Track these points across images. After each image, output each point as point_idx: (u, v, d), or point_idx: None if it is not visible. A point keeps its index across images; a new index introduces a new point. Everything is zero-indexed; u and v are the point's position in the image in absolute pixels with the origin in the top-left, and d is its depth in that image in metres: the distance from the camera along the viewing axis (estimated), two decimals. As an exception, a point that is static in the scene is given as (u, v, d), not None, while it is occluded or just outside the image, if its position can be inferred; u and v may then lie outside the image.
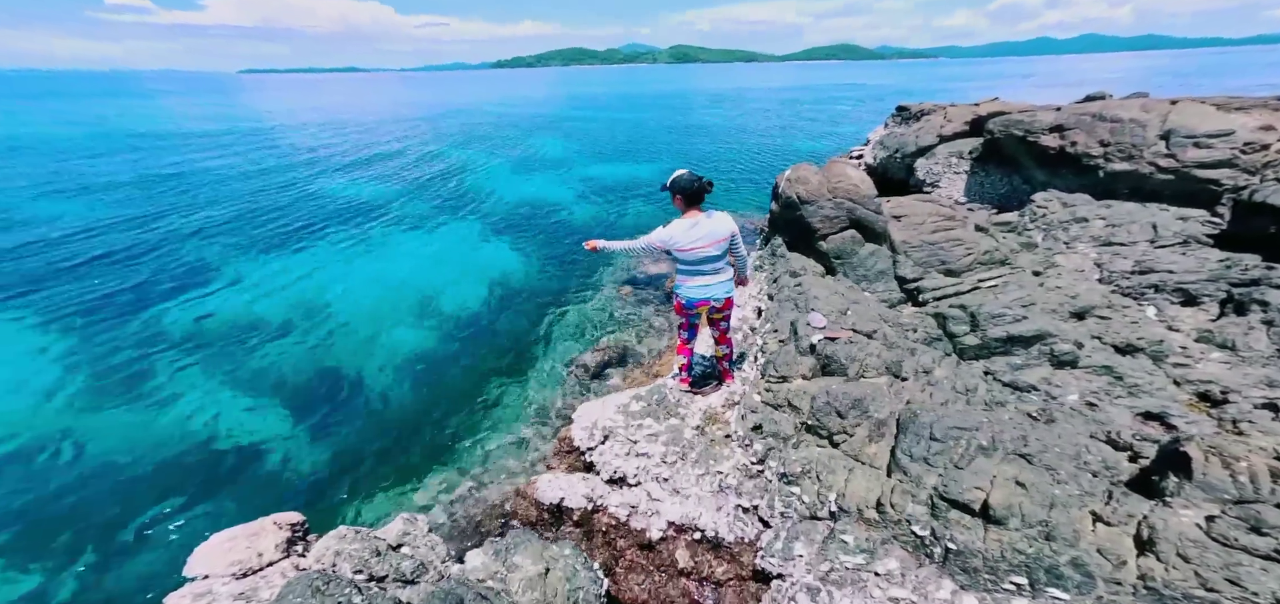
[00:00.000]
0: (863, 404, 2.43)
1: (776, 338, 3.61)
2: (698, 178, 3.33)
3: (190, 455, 4.62)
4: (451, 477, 4.56)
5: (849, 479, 2.30)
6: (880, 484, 2.21)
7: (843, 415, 2.46)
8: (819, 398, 2.54)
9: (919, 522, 1.97)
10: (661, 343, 6.29)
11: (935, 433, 2.07)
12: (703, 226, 3.26)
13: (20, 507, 4.04)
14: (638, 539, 3.25)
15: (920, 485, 2.01)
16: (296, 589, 1.86)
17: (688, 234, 3.16)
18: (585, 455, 3.71)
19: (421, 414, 5.37)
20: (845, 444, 2.44)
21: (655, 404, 3.78)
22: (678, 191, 3.26)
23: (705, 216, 3.30)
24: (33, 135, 24.48)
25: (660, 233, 3.18)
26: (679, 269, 3.30)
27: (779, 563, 2.39)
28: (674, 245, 3.16)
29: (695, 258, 3.25)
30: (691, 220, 3.24)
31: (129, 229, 10.42)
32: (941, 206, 4.54)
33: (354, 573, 2.25)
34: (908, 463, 2.10)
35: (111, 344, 6.32)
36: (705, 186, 3.30)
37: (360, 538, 2.44)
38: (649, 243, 3.22)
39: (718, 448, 3.28)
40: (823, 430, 2.53)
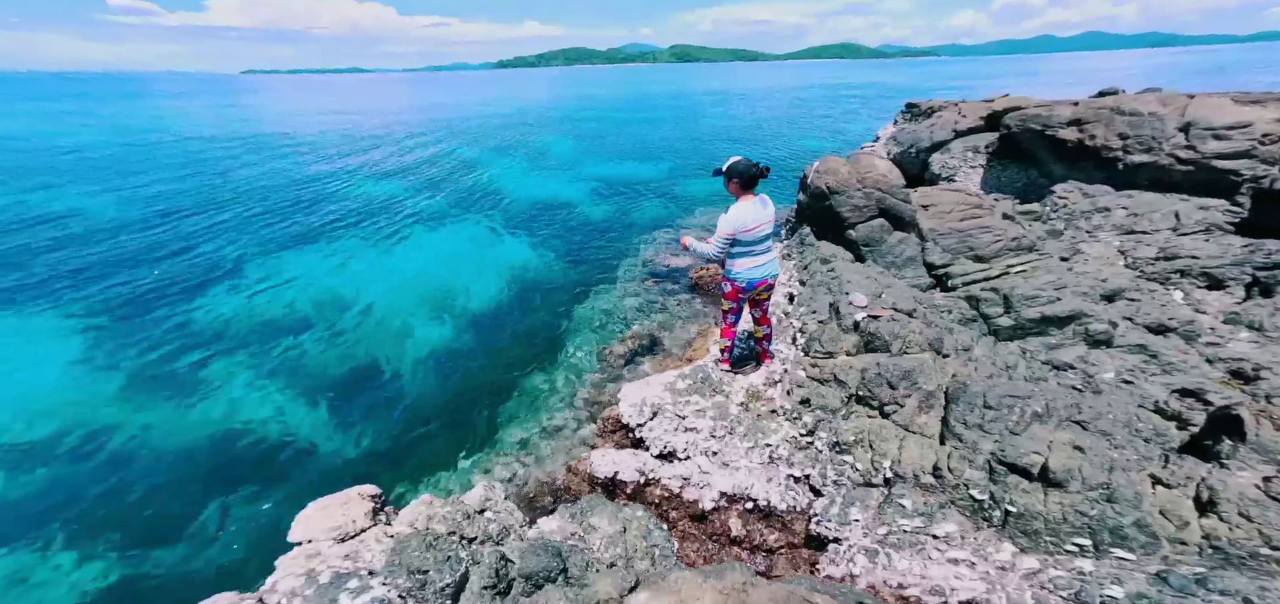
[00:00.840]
0: (912, 376, 2.58)
1: (816, 318, 3.77)
2: (754, 163, 3.49)
3: (238, 445, 4.78)
4: (492, 461, 4.73)
5: (902, 447, 2.45)
6: (934, 451, 2.36)
7: (894, 387, 2.61)
8: (869, 371, 2.70)
9: (977, 486, 2.11)
10: (689, 332, 6.45)
11: (989, 401, 2.22)
12: (759, 208, 3.42)
13: (91, 496, 4.21)
14: (690, 510, 3.41)
15: (976, 451, 2.16)
16: (412, 545, 2.03)
17: (751, 216, 3.31)
18: (634, 432, 3.88)
19: (455, 404, 5.50)
20: (896, 415, 2.60)
21: (700, 382, 3.94)
22: (735, 176, 3.41)
23: (758, 199, 3.45)
24: (48, 136, 24.76)
25: (728, 222, 3.31)
26: (736, 252, 3.45)
27: (835, 528, 2.54)
28: (741, 228, 3.30)
29: (756, 238, 3.40)
30: (749, 202, 3.40)
31: (156, 227, 10.62)
32: (969, 196, 4.69)
33: (448, 533, 2.41)
34: (962, 430, 2.26)
35: (151, 339, 6.48)
36: (761, 172, 3.45)
37: (448, 504, 2.60)
38: (723, 237, 3.34)
39: (765, 422, 3.44)
40: (873, 401, 2.68)
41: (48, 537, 3.84)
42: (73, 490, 4.26)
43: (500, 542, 2.58)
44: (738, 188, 3.43)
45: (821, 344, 3.21)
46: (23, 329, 6.67)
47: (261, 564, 3.63)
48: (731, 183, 3.47)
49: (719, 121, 28.97)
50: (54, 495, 4.20)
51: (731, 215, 3.37)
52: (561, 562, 2.17)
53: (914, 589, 2.28)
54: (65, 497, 4.19)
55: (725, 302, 3.85)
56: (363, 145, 21.90)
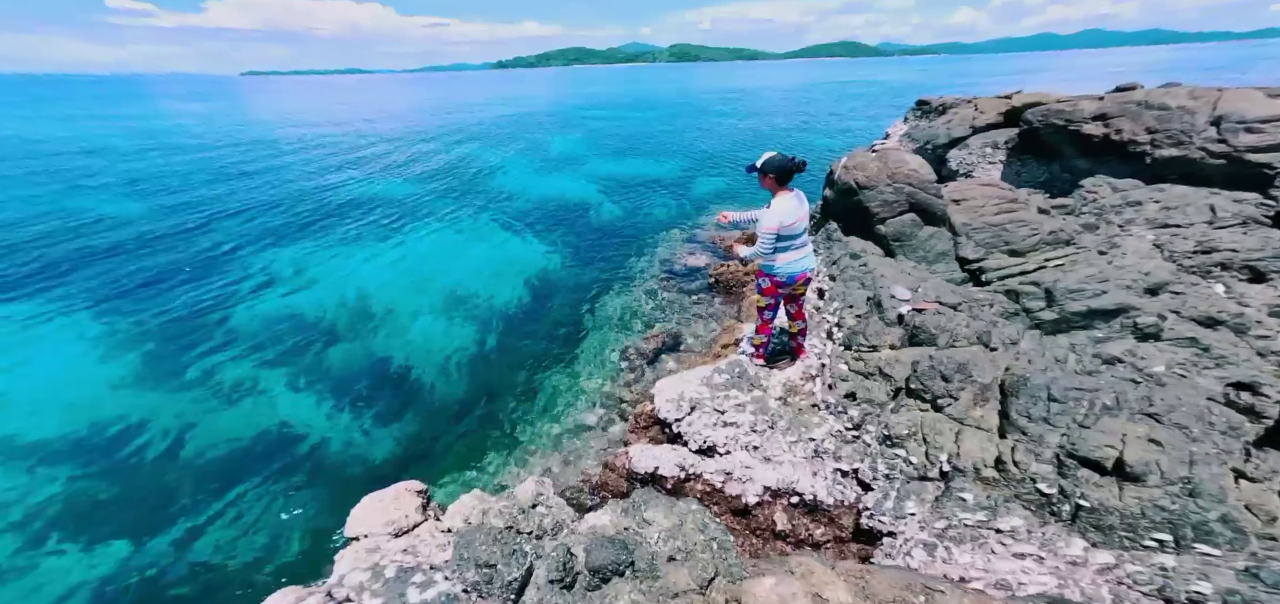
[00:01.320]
0: (967, 368, 2.57)
1: (853, 313, 3.75)
2: (790, 157, 3.47)
3: (275, 442, 4.81)
4: (525, 457, 4.72)
5: (959, 440, 2.44)
6: (995, 444, 2.35)
7: (948, 379, 2.59)
8: (922, 364, 2.68)
9: (1045, 480, 2.09)
10: (711, 330, 6.43)
11: (1054, 394, 2.20)
12: (797, 203, 3.40)
13: (136, 493, 4.23)
14: (732, 505, 3.40)
15: (1043, 444, 2.15)
16: (479, 537, 2.02)
17: (791, 210, 3.30)
18: (671, 427, 3.86)
19: (482, 401, 5.50)
20: (950, 408, 2.58)
21: (737, 377, 3.92)
22: (771, 172, 3.39)
23: (795, 194, 3.44)
24: (56, 138, 24.81)
25: (773, 217, 3.28)
26: (778, 247, 3.44)
27: (890, 521, 2.53)
28: (784, 221, 3.28)
29: (795, 232, 3.39)
30: (787, 197, 3.39)
31: (179, 230, 10.65)
32: (1003, 190, 4.67)
33: (505, 527, 2.40)
34: (1026, 423, 2.24)
35: (184, 338, 6.52)
36: (798, 166, 3.44)
37: (501, 499, 2.59)
38: (769, 234, 3.31)
39: (806, 416, 3.42)
40: (926, 394, 2.67)
41: (95, 532, 3.87)
42: (116, 486, 4.28)
43: (555, 536, 2.57)
44: (774, 183, 3.42)
45: (866, 338, 3.19)
46: (60, 330, 6.73)
47: (310, 558, 3.68)
48: (767, 178, 3.45)
49: (725, 120, 28.92)
50: (98, 492, 4.23)
51: (775, 210, 3.35)
52: (628, 554, 2.16)
53: (977, 583, 2.26)
54: (110, 493, 4.22)
55: (762, 297, 3.83)
56: (370, 146, 21.92)
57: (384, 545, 2.32)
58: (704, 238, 9.70)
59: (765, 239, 3.31)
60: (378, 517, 2.56)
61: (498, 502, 2.76)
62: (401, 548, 2.31)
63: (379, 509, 2.78)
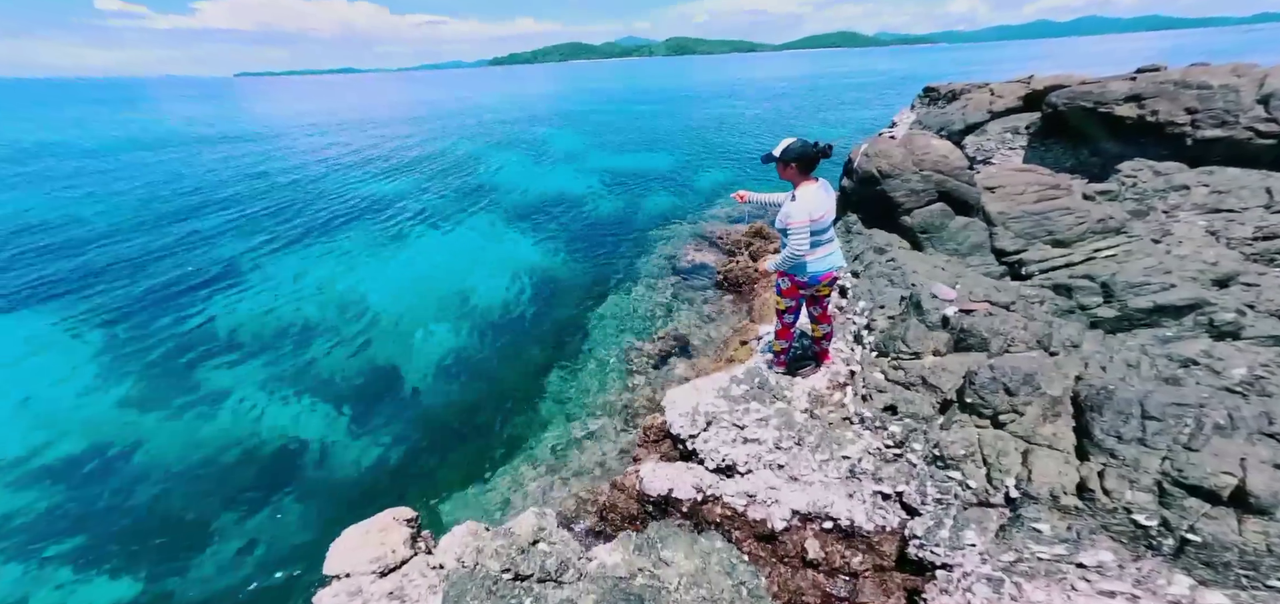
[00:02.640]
0: (1034, 380, 2.22)
1: (885, 314, 3.40)
2: (813, 143, 3.11)
3: (260, 457, 4.50)
4: (524, 473, 4.38)
5: (1029, 462, 2.10)
6: (1074, 467, 2.01)
7: (1013, 392, 2.25)
8: (980, 374, 2.33)
9: (1143, 510, 1.76)
10: (720, 330, 6.08)
11: (1150, 410, 1.86)
12: (823, 193, 3.04)
13: (94, 511, 3.93)
14: (756, 530, 3.05)
15: (1139, 469, 1.81)
16: (471, 589, 1.68)
17: (818, 201, 2.94)
18: (686, 443, 3.51)
19: (478, 410, 5.19)
20: (1013, 424, 2.24)
21: (756, 387, 3.57)
22: (792, 160, 3.02)
23: (820, 184, 3.08)
24: (50, 143, 24.39)
25: (801, 209, 2.92)
26: (810, 243, 3.09)
27: (945, 552, 2.20)
28: (814, 214, 2.92)
29: (822, 226, 3.03)
30: (812, 187, 3.02)
31: (163, 233, 10.31)
32: (1043, 175, 4.30)
33: (502, 571, 2.07)
34: (1114, 444, 1.90)
35: (160, 347, 6.20)
36: (823, 152, 3.07)
37: (497, 535, 2.25)
38: (801, 229, 2.93)
39: (838, 431, 3.07)
40: (985, 409, 2.32)
41: (65, 555, 3.58)
42: (92, 506, 3.99)
43: (559, 579, 2.24)
44: (796, 173, 3.05)
45: (906, 343, 2.84)
46: (34, 339, 6.40)
47: (294, 585, 3.36)
48: (788, 168, 3.08)
49: (725, 112, 28.43)
50: (72, 511, 3.93)
51: (803, 203, 2.98)
52: (646, 613, 1.82)
53: (1056, 628, 1.93)
54: (84, 513, 3.92)
55: (781, 299, 3.47)
56: (364, 146, 21.51)
57: (367, 588, 1.99)
58: (709, 233, 9.33)
59: (799, 235, 2.94)
60: (362, 552, 2.23)
61: (494, 539, 2.41)
62: (387, 592, 1.98)
63: (363, 543, 2.44)
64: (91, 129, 29.24)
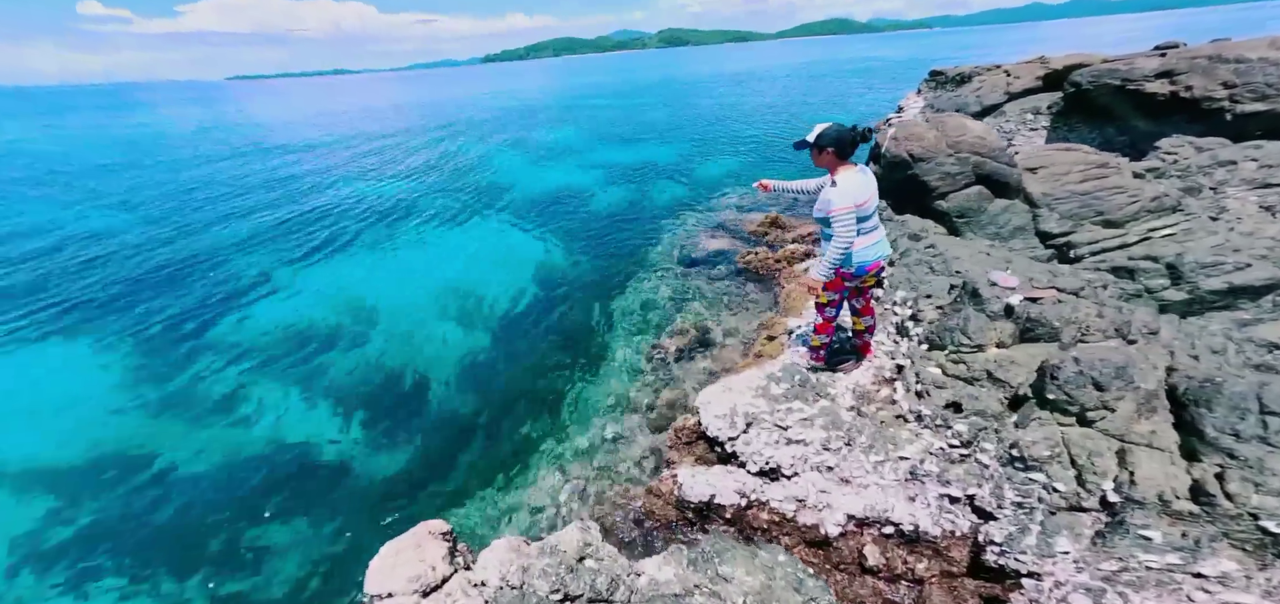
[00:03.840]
0: (1126, 373, 2.04)
1: (933, 304, 3.21)
2: (852, 127, 2.90)
3: (276, 466, 4.35)
4: (548, 478, 4.20)
5: (1129, 463, 1.92)
6: (1184, 468, 1.83)
7: (1103, 387, 2.07)
8: (1064, 367, 2.15)
9: (1273, 515, 1.59)
10: (744, 323, 5.87)
11: (1268, 405, 1.68)
12: (865, 179, 2.85)
13: (116, 525, 3.84)
14: (807, 536, 2.88)
15: (1264, 471, 1.63)
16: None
17: (862, 187, 2.74)
18: (725, 446, 3.34)
19: (496, 413, 5.00)
20: (1104, 421, 2.06)
21: (797, 385, 3.39)
22: (829, 145, 2.83)
23: (860, 168, 2.88)
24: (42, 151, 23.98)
25: (844, 196, 2.72)
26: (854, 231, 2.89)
27: (1032, 560, 2.02)
28: (858, 201, 2.73)
29: (867, 213, 2.84)
30: (852, 172, 2.83)
31: (164, 242, 10.09)
32: (1088, 154, 4.10)
33: (551, 592, 1.88)
34: (1231, 443, 1.72)
35: (172, 357, 6.07)
36: (862, 135, 2.87)
37: (542, 553, 2.07)
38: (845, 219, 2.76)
39: (891, 430, 2.90)
40: (1071, 406, 2.14)
41: (89, 568, 3.50)
42: (114, 519, 3.88)
43: (611, 597, 2.06)
44: (834, 158, 2.85)
45: (967, 335, 2.65)
46: (54, 354, 6.29)
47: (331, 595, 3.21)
48: (824, 153, 2.88)
49: (725, 102, 28.05)
50: (94, 523, 3.85)
51: (845, 189, 2.78)
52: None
53: (1170, 643, 1.76)
54: (107, 526, 3.83)
55: (824, 292, 3.27)
56: (364, 148, 21.19)
57: (410, 614, 1.81)
58: (722, 221, 9.11)
59: (844, 223, 2.74)
60: (401, 571, 2.04)
61: (540, 557, 2.22)
62: (429, 621, 1.80)
63: (401, 561, 2.26)
64: (87, 137, 28.76)
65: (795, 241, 6.90)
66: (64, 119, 41.96)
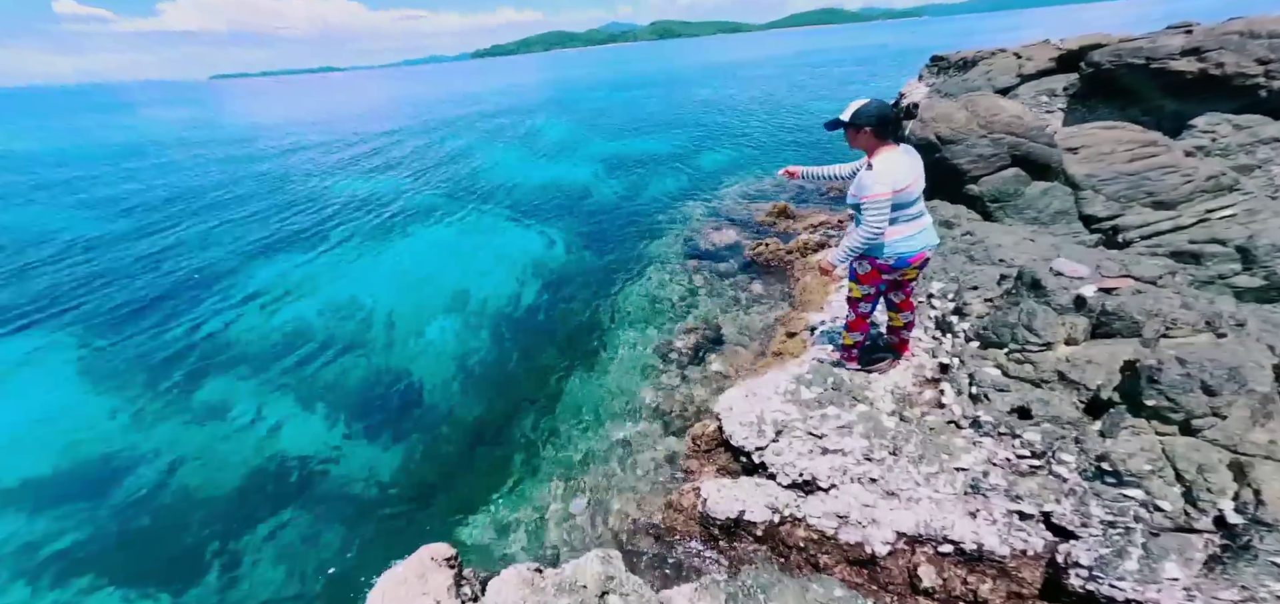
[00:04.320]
0: (1240, 374, 1.76)
1: (980, 297, 2.93)
2: (893, 104, 2.59)
3: (264, 475, 4.09)
4: (555, 489, 3.89)
5: (1251, 478, 1.65)
6: (1317, 481, 1.56)
7: (1214, 391, 1.79)
8: (1167, 370, 1.87)
9: None
10: (758, 318, 5.58)
11: None
12: (910, 160, 2.55)
13: (106, 537, 3.62)
14: (850, 554, 2.60)
15: None
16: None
17: (904, 169, 2.45)
18: (752, 456, 3.04)
19: (495, 419, 4.70)
20: (1211, 430, 1.78)
21: (829, 388, 3.10)
22: (867, 123, 2.52)
23: (903, 149, 2.58)
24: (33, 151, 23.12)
25: (882, 179, 2.42)
26: (877, 220, 2.60)
27: (1132, 586, 1.75)
28: (898, 184, 2.43)
29: (909, 198, 2.53)
30: (894, 152, 2.52)
31: (149, 241, 9.67)
32: (1135, 132, 3.83)
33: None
34: (1384, 450, 1.45)
35: (152, 358, 5.75)
36: (905, 113, 2.57)
37: (562, 591, 1.76)
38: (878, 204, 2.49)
39: (943, 438, 2.61)
40: (1173, 412, 1.86)
41: (79, 584, 3.29)
42: (102, 534, 3.67)
43: (644, 650, 1.77)
44: (872, 138, 2.55)
45: (1033, 331, 2.37)
46: (27, 355, 5.97)
47: None
48: (861, 133, 2.57)
49: (723, 91, 27.62)
50: (83, 538, 3.63)
51: (883, 171, 2.48)
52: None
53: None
54: (96, 540, 3.62)
55: (857, 286, 2.97)
56: (354, 145, 20.63)
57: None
58: (726, 212, 8.80)
59: (875, 211, 2.45)
60: None
61: (557, 595, 1.91)
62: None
63: (403, 592, 1.95)
64: (68, 138, 27.82)
65: (808, 231, 6.61)
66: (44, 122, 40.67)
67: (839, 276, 3.01)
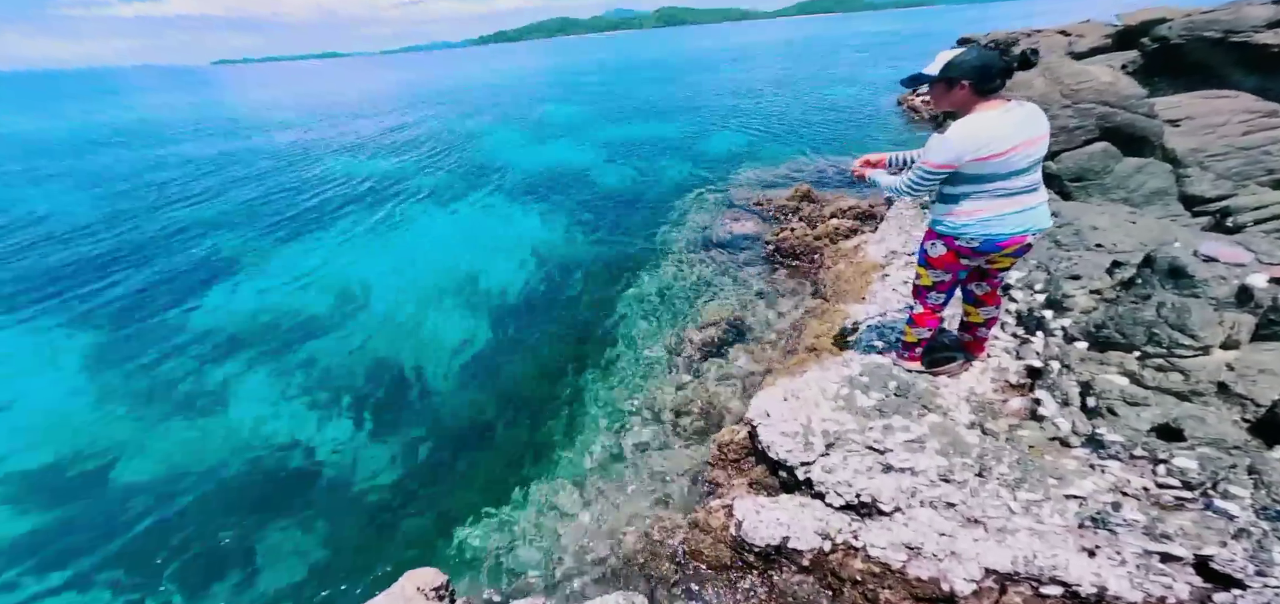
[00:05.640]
0: None
1: (1085, 288, 2.42)
2: (999, 50, 2.05)
3: (255, 471, 3.84)
4: (563, 500, 3.44)
5: None
6: None
7: None
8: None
9: None
10: (781, 311, 5.07)
11: None
12: (1017, 119, 1.99)
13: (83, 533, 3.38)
14: (920, 591, 2.10)
15: None
16: None
17: (1000, 131, 1.92)
18: (795, 471, 2.56)
19: (498, 417, 4.29)
20: None
21: (891, 394, 2.60)
22: (965, 75, 1.97)
23: (1012, 105, 2.02)
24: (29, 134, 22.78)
25: (950, 144, 1.94)
26: (962, 191, 2.05)
27: None
28: (977, 151, 1.92)
29: (1008, 168, 1.99)
30: (992, 110, 1.98)
31: (142, 225, 9.22)
32: (1250, 101, 3.27)
33: None
34: None
35: (146, 347, 5.43)
36: (1021, 61, 2.02)
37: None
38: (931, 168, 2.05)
39: (1053, 458, 2.12)
40: None
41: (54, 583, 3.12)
42: (80, 530, 3.43)
43: None
44: (970, 94, 2.00)
45: (1187, 331, 1.86)
46: (18, 344, 5.68)
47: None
48: (956, 88, 2.04)
49: (736, 77, 26.74)
50: (58, 534, 3.44)
51: (963, 134, 1.95)
52: None
53: None
54: (72, 537, 3.39)
55: (927, 271, 2.44)
56: (355, 129, 20.14)
57: None
58: (743, 199, 8.26)
59: (921, 178, 2.01)
60: None
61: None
62: None
63: None
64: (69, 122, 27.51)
65: (836, 215, 6.06)
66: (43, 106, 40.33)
67: (860, 174, 2.51)
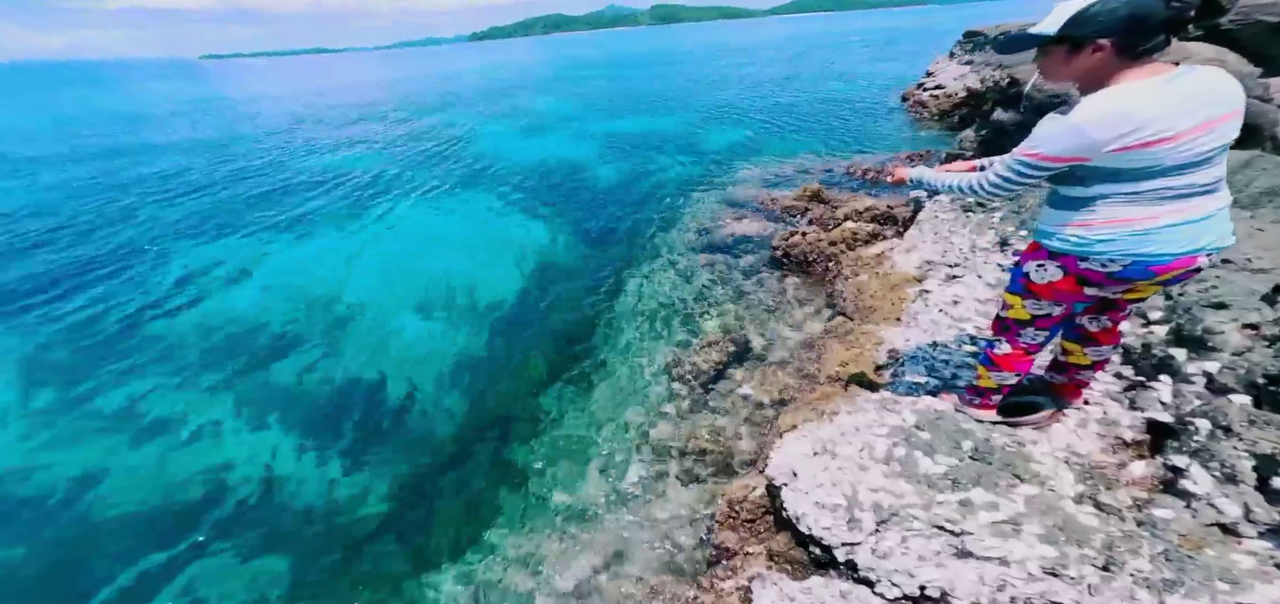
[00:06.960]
0: None
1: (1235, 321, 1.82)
2: None
3: (209, 497, 3.41)
4: (546, 551, 2.93)
5: None
6: None
7: None
8: None
9: None
10: (790, 326, 4.46)
11: None
12: (1183, 87, 1.34)
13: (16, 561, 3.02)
14: None
15: None
16: None
17: (1159, 105, 1.26)
18: (835, 551, 1.95)
19: (474, 445, 3.77)
20: None
21: (966, 455, 1.99)
22: (1104, 36, 1.30)
23: (1177, 73, 1.36)
24: None
25: (1067, 130, 1.34)
26: (1098, 195, 1.41)
27: None
28: (1131, 139, 1.28)
29: (1180, 159, 1.34)
30: (1146, 80, 1.33)
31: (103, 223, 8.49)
32: None
33: None
34: None
35: (94, 358, 4.90)
36: (1179, 14, 1.33)
37: None
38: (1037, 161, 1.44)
39: (1220, 556, 1.51)
40: None
41: None
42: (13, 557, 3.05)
43: None
44: (1113, 58, 1.30)
45: None
46: None
47: None
48: (1089, 50, 1.34)
49: (732, 71, 26.09)
50: None
51: (1103, 108, 1.29)
52: None
53: None
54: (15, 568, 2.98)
55: (1022, 301, 1.78)
56: (342, 125, 19.36)
57: None
58: (745, 198, 7.65)
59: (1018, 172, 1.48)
60: None
61: None
62: None
63: None
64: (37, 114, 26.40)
65: (852, 218, 5.45)
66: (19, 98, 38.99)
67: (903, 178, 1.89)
